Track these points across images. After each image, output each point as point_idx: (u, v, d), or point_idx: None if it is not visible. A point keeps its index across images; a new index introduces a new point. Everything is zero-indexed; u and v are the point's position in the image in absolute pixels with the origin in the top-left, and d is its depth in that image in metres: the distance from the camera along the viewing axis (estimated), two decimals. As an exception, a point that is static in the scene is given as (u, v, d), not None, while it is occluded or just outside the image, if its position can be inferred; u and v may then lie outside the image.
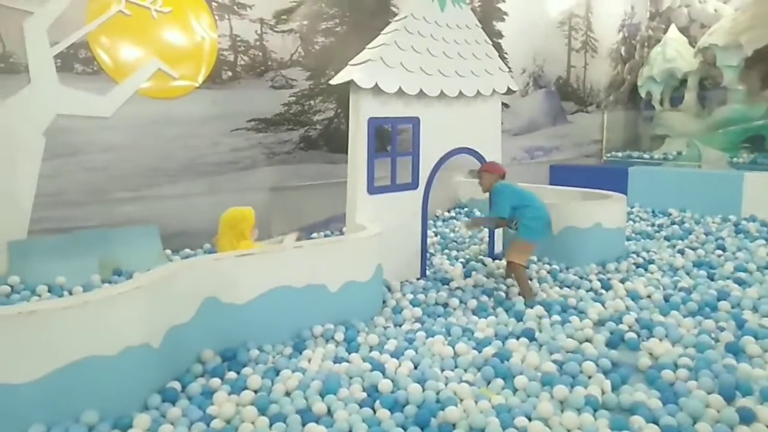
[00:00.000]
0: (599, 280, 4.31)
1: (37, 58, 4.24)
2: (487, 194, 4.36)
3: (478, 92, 4.70)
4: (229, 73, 5.42)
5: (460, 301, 3.92)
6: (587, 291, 4.17)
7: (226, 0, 5.31)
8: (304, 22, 5.86)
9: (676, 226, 6.35)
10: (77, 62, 4.51)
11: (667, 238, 5.88)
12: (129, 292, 2.46)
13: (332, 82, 4.20)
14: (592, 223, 4.83)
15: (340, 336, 3.28)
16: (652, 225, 6.59)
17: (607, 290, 4.16)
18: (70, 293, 3.95)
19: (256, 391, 2.64)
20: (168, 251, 4.91)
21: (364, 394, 2.61)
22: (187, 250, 5.01)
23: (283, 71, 5.80)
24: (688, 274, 4.54)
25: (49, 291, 3.95)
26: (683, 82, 9.58)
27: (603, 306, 3.77)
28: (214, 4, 5.22)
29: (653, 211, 7.25)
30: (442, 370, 2.88)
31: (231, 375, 2.81)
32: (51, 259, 4.17)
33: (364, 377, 2.75)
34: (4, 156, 4.15)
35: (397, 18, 4.47)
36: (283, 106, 5.83)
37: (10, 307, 2.33)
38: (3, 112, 4.13)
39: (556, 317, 3.54)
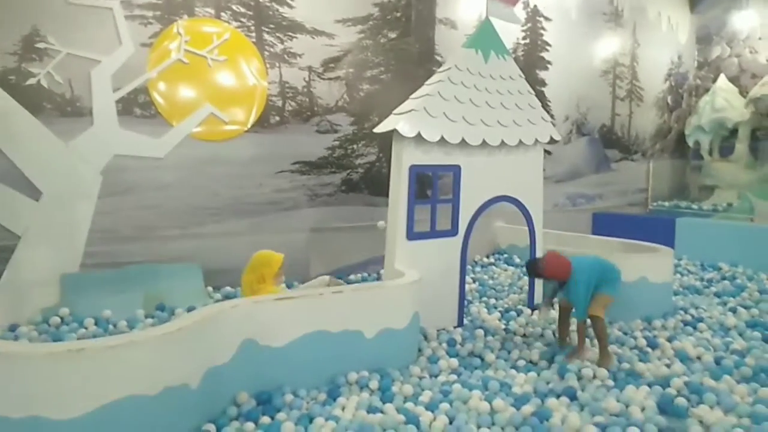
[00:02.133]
0: (645, 337, 4.14)
1: (100, 103, 4.53)
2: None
3: (521, 142, 4.71)
4: (277, 118, 5.62)
5: (498, 355, 3.83)
6: (632, 349, 4.01)
7: (278, 49, 5.56)
8: (351, 70, 6.06)
9: (726, 282, 6.10)
10: (136, 106, 4.78)
11: (717, 295, 5.63)
12: (172, 333, 2.52)
13: (376, 130, 4.31)
14: (637, 276, 4.68)
15: (374, 384, 3.25)
16: (701, 279, 6.34)
17: (653, 348, 3.99)
18: (115, 327, 4.08)
19: (289, 438, 2.63)
20: (210, 288, 5.02)
21: (398, 448, 2.56)
22: (228, 288, 5.11)
23: (329, 116, 5.97)
24: (740, 335, 4.32)
25: (95, 324, 4.08)
26: (733, 132, 9.35)
27: (650, 366, 3.61)
28: (266, 53, 5.48)
29: (702, 265, 6.98)
30: (479, 427, 2.80)
31: (265, 419, 2.82)
32: (99, 292, 4.32)
33: (398, 430, 2.70)
34: (64, 193, 4.38)
35: (441, 69, 4.57)
36: (327, 149, 5.98)
37: (59, 344, 2.42)
38: (66, 152, 4.40)
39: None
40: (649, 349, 3.98)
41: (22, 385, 2.19)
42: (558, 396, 3.14)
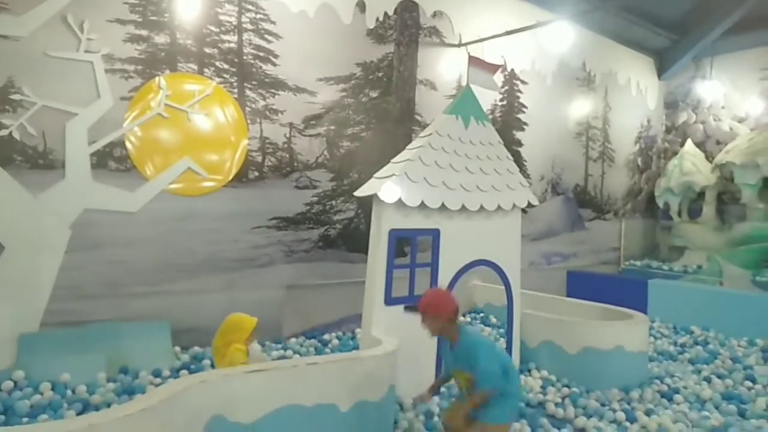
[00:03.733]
0: (623, 410, 4.09)
1: (74, 156, 4.41)
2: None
3: (499, 206, 4.74)
4: (256, 173, 5.58)
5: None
6: (611, 422, 3.94)
7: (259, 106, 5.57)
8: (331, 127, 6.10)
9: (699, 347, 6.13)
10: (112, 160, 4.68)
11: (691, 362, 5.65)
12: (135, 414, 2.37)
13: (357, 193, 4.29)
14: (613, 345, 4.67)
15: (348, 463, 3.10)
16: (675, 343, 6.37)
17: (631, 422, 3.94)
18: (74, 392, 3.85)
19: None
20: (177, 348, 4.82)
21: None
22: (197, 348, 4.90)
23: (308, 172, 5.95)
24: (717, 407, 4.30)
25: (52, 389, 3.84)
26: (701, 194, 9.66)
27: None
28: (247, 108, 5.48)
29: (675, 328, 7.04)
30: None
31: (231, 506, 2.64)
32: (59, 353, 4.10)
33: None
34: (28, 249, 4.20)
35: (422, 134, 4.62)
36: (306, 205, 5.93)
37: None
38: (34, 205, 4.24)
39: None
40: (628, 423, 3.92)
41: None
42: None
